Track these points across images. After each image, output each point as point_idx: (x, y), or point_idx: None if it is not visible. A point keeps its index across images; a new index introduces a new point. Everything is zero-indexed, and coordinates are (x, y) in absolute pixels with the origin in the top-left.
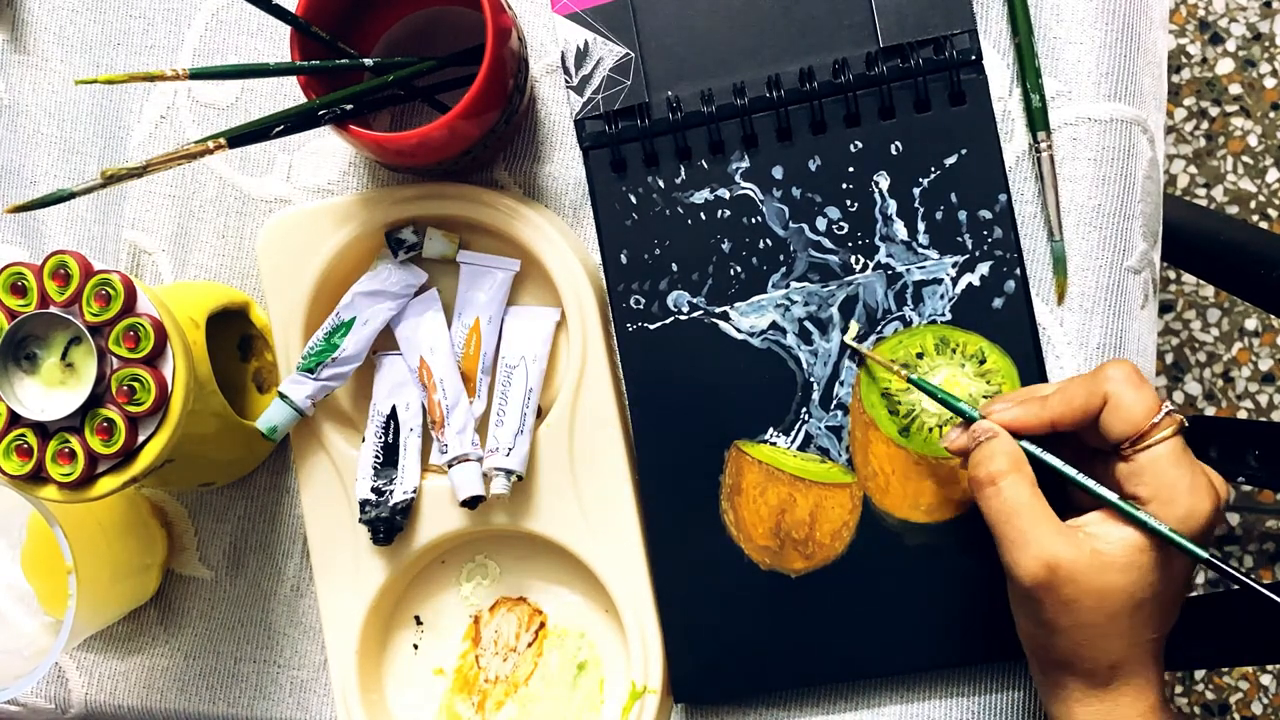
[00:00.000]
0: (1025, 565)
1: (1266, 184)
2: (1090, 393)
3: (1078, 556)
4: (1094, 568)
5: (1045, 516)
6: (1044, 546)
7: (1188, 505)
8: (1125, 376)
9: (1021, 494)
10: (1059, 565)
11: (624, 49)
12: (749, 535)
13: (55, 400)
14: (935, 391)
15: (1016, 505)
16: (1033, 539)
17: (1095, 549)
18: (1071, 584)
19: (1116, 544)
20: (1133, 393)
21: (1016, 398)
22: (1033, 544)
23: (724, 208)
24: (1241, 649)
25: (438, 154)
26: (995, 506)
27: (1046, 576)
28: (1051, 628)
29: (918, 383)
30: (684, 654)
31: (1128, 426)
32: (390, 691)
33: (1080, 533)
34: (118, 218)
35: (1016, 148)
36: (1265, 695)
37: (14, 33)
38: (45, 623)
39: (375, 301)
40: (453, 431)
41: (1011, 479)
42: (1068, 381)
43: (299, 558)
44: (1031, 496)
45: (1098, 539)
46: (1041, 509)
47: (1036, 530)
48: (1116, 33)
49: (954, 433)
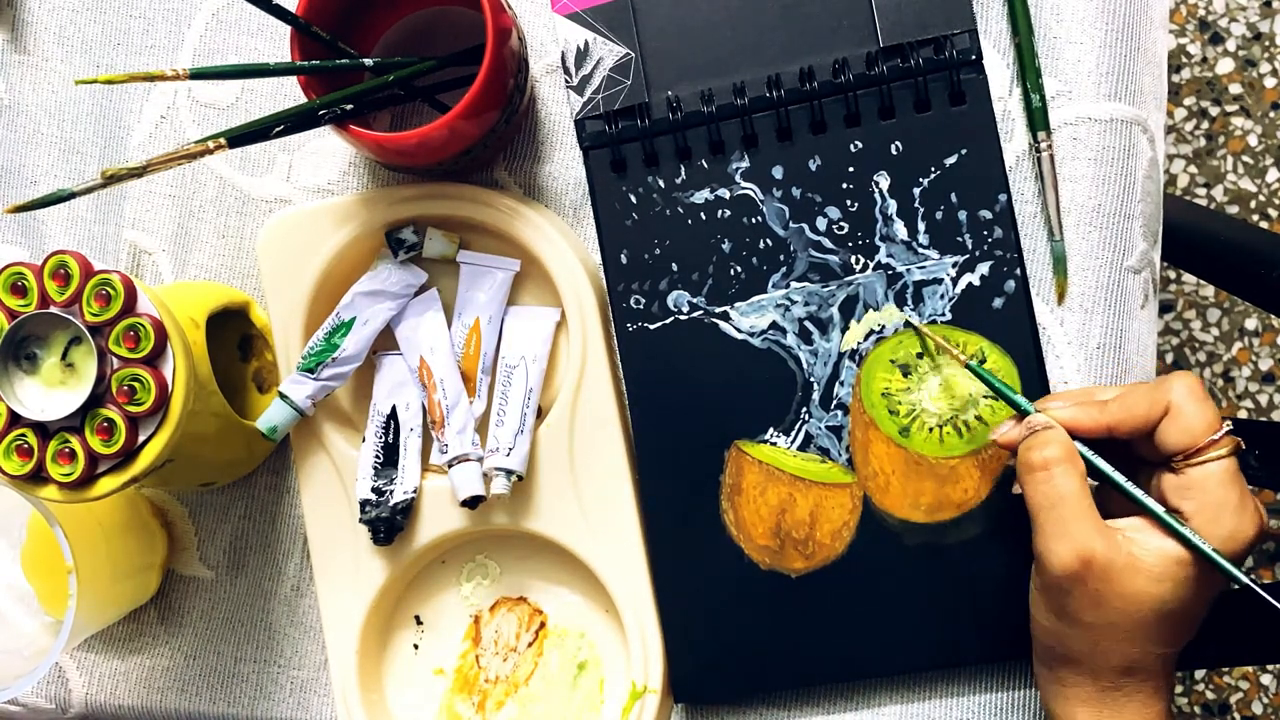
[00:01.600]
0: (1060, 554)
1: (1266, 184)
2: (1153, 402)
3: (1114, 556)
4: (1128, 570)
5: (1089, 511)
6: (1082, 539)
7: (1232, 526)
8: (1189, 390)
9: (1071, 484)
10: (1094, 559)
11: (624, 49)
12: (749, 535)
13: (55, 400)
14: (993, 382)
15: (1064, 494)
16: (1073, 529)
17: (1132, 553)
18: (1102, 581)
19: (1154, 553)
20: (1195, 406)
21: (1074, 397)
22: (1072, 535)
23: (724, 208)
24: (1241, 649)
25: (438, 154)
26: (1043, 492)
27: (1079, 569)
28: (1074, 621)
29: (976, 370)
30: (684, 654)
31: (1186, 439)
32: (390, 691)
33: (1120, 535)
34: (118, 218)
35: (1016, 148)
36: (1265, 695)
37: (14, 33)
38: (45, 623)
39: (375, 301)
40: (453, 431)
41: (1064, 468)
42: (1130, 388)
43: (299, 558)
44: (1080, 489)
45: (1136, 544)
46: (1087, 504)
47: (1078, 522)
48: (1116, 33)
49: (1006, 425)
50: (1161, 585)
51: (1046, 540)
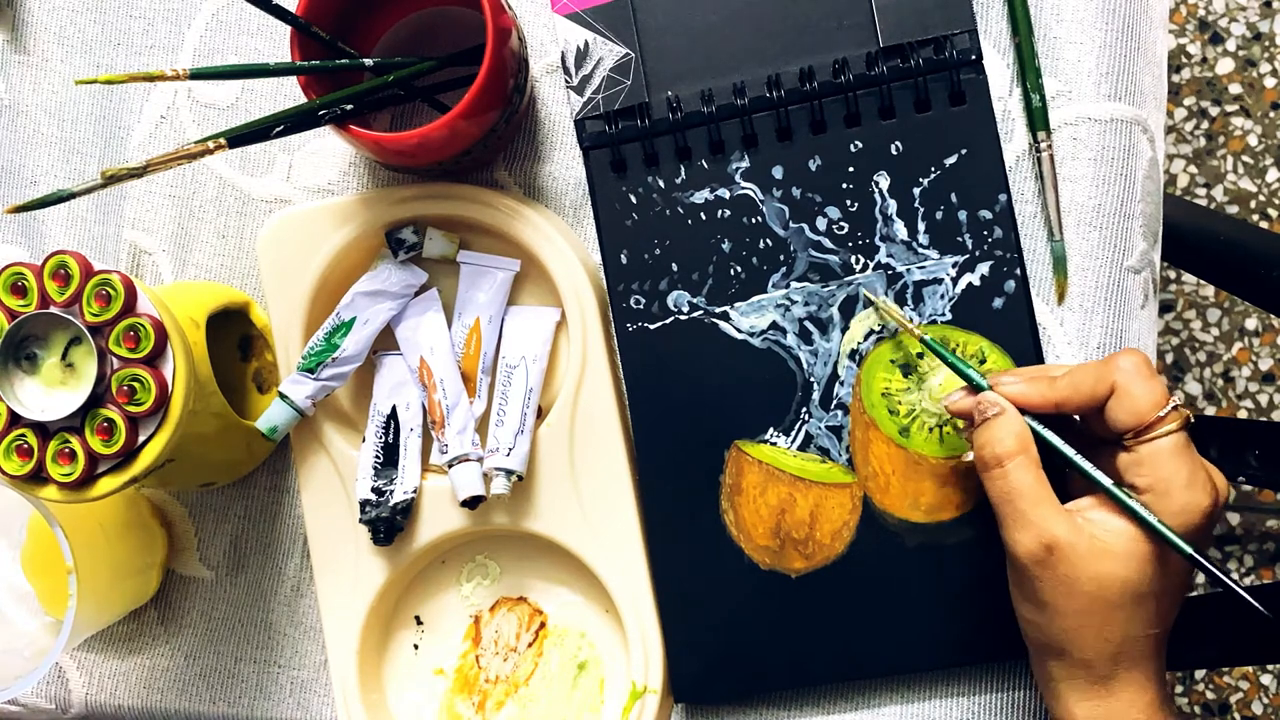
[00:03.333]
0: (1023, 542)
1: (1266, 184)
2: (1098, 379)
3: (1076, 539)
4: (1092, 553)
5: (1047, 498)
6: (1044, 526)
7: (1184, 500)
8: (1135, 367)
9: (1026, 476)
10: (1057, 544)
11: (624, 49)
12: (749, 535)
13: (55, 400)
14: (946, 355)
15: (1020, 486)
16: (1034, 518)
17: (1094, 535)
18: (1068, 564)
19: (1114, 533)
20: (1141, 384)
21: (1026, 374)
22: (1034, 523)
23: (724, 208)
24: (1242, 649)
25: (438, 154)
26: (1000, 487)
27: (1044, 554)
28: (1051, 609)
29: (930, 343)
30: (684, 654)
31: (1132, 417)
32: (390, 691)
33: (1080, 517)
34: (118, 218)
35: (1016, 148)
36: (1265, 695)
37: (14, 33)
38: (45, 623)
39: (375, 301)
40: (453, 431)
41: (1018, 461)
42: (1078, 366)
43: (299, 558)
44: (1036, 479)
45: (1096, 525)
46: (1045, 491)
47: (1037, 510)
48: (1116, 33)
49: (957, 394)
50: (1128, 565)
51: (1010, 531)
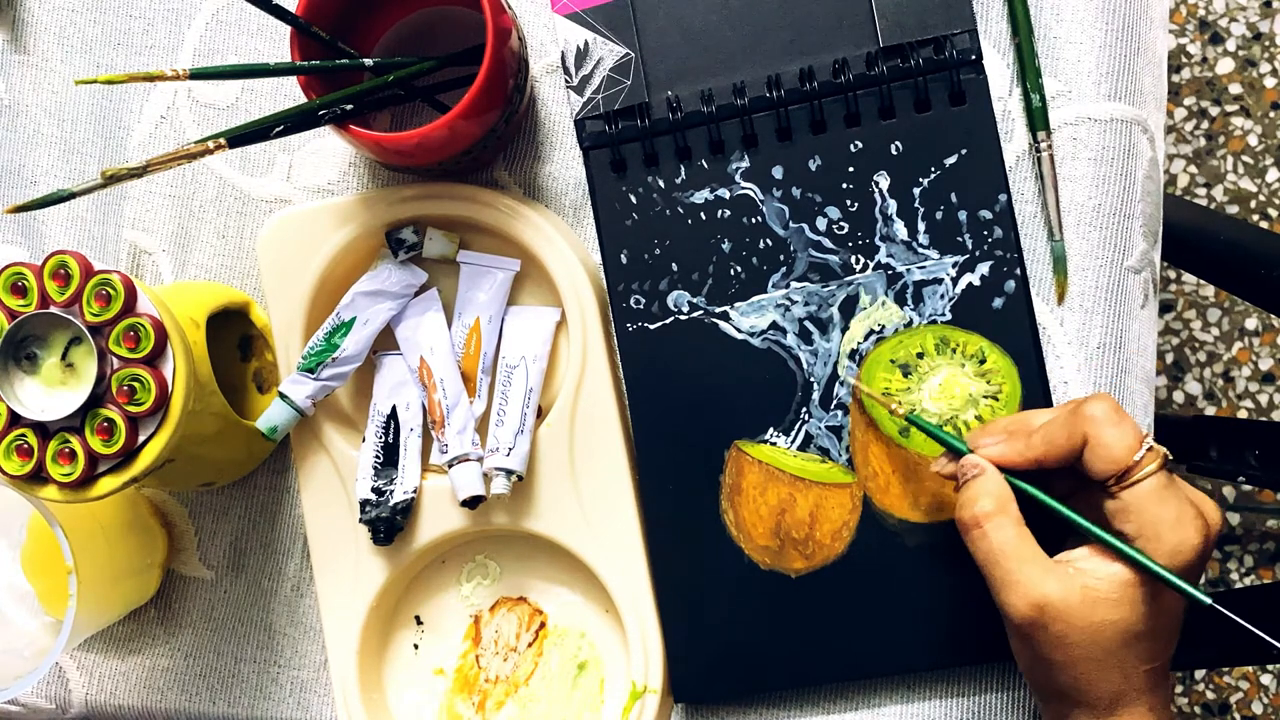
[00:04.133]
0: (1015, 605)
1: (1266, 184)
2: (1070, 433)
3: (1067, 594)
4: (1085, 604)
5: (1031, 556)
6: (1032, 586)
7: (1174, 541)
8: (1104, 415)
9: (1007, 535)
10: (1048, 604)
11: (624, 49)
12: (749, 535)
13: (55, 400)
14: (928, 427)
15: (1002, 547)
16: (1021, 579)
17: (1085, 584)
18: (1062, 621)
19: (1105, 580)
20: (1112, 430)
21: (1006, 428)
22: (1021, 584)
23: (724, 208)
24: (1241, 649)
25: (438, 154)
26: (982, 549)
27: (1036, 615)
28: (1048, 663)
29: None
30: (684, 654)
31: (1109, 465)
32: (390, 691)
33: (1070, 568)
34: (118, 218)
35: (1016, 148)
36: (1265, 695)
37: (14, 33)
38: (46, 623)
39: (375, 301)
40: (453, 431)
41: (996, 521)
42: (1050, 421)
43: (299, 558)
44: (1017, 537)
45: (1087, 574)
46: (1028, 549)
47: (1023, 570)
48: (1116, 33)
49: (942, 460)
50: (1120, 610)
51: (998, 593)
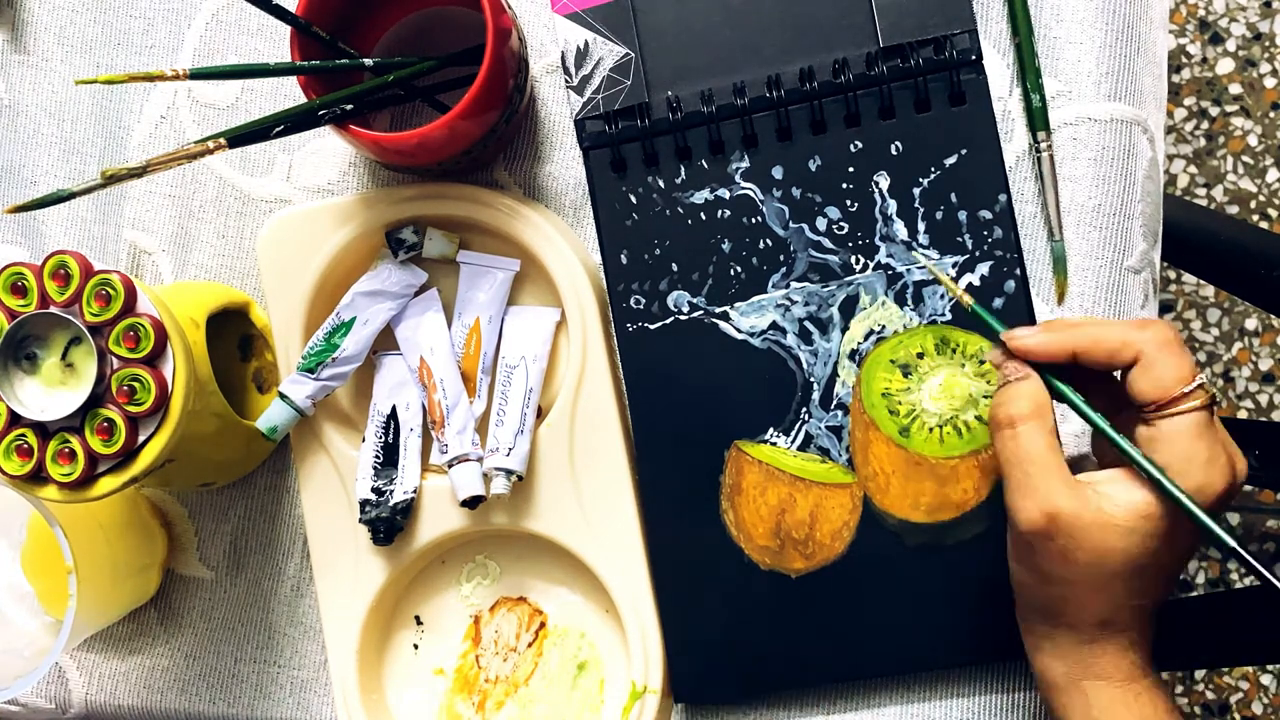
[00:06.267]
0: (1027, 511)
1: (1266, 184)
2: (1125, 343)
3: (1081, 512)
4: (1095, 525)
5: (1056, 467)
6: (1048, 496)
7: (1201, 479)
8: (1164, 340)
9: (1037, 441)
10: (1059, 516)
11: (624, 49)
12: (749, 535)
13: (55, 400)
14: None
15: (1030, 451)
16: (1039, 486)
17: (1101, 508)
18: (1069, 537)
19: (1123, 506)
20: (1168, 357)
21: (1047, 325)
22: (1038, 492)
23: (724, 208)
24: (1241, 649)
25: (438, 154)
26: (1010, 449)
27: (1045, 525)
28: (1045, 577)
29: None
30: (684, 654)
31: (1155, 390)
32: (390, 691)
33: (1090, 489)
34: (118, 218)
35: (1016, 148)
36: (1265, 695)
37: (14, 33)
38: (46, 623)
39: (375, 301)
40: (453, 431)
41: (1031, 425)
42: (1109, 322)
43: (299, 558)
44: (1047, 446)
45: (1105, 499)
46: (1054, 459)
47: (1044, 479)
48: (1116, 33)
49: (995, 352)
50: (1130, 539)
51: (1014, 497)
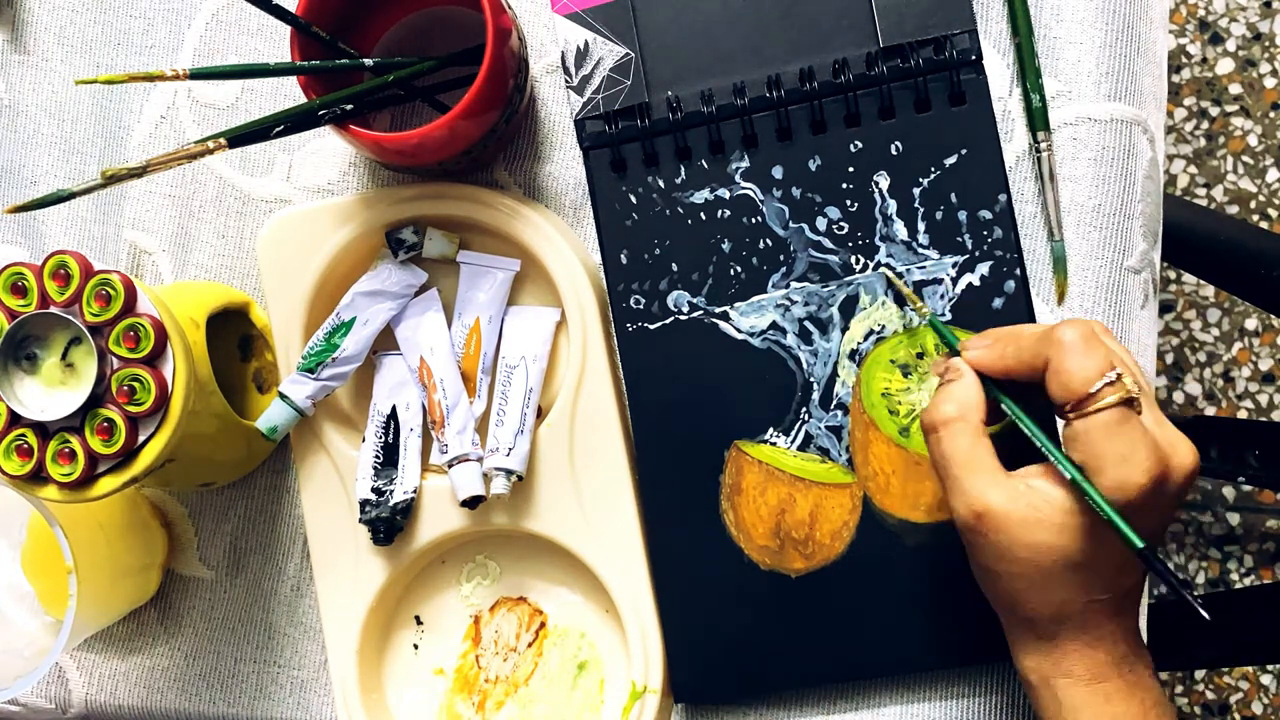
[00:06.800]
0: (957, 509)
1: (1266, 184)
2: (1034, 352)
3: (1010, 508)
4: (1026, 522)
5: (983, 465)
6: (976, 494)
7: (1116, 477)
8: (1072, 341)
9: (962, 442)
10: (988, 512)
11: (624, 49)
12: (749, 535)
13: (55, 400)
14: (939, 327)
15: (953, 452)
16: (966, 485)
17: (1031, 503)
18: (1001, 532)
19: (1049, 503)
20: (1074, 358)
21: (998, 335)
22: (966, 491)
23: (724, 208)
24: (1241, 649)
25: (438, 154)
26: (937, 452)
27: (976, 522)
28: (992, 573)
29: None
30: (684, 654)
31: (1063, 392)
32: (390, 691)
33: (1022, 484)
34: (118, 218)
35: (1016, 148)
36: (1265, 695)
37: (14, 33)
38: (46, 623)
39: (375, 301)
40: (453, 431)
41: (955, 427)
42: (1028, 334)
43: (299, 558)
44: (972, 445)
45: (1035, 493)
46: (981, 457)
47: (971, 477)
48: (1116, 33)
49: (939, 360)
50: (1061, 536)
51: (947, 496)
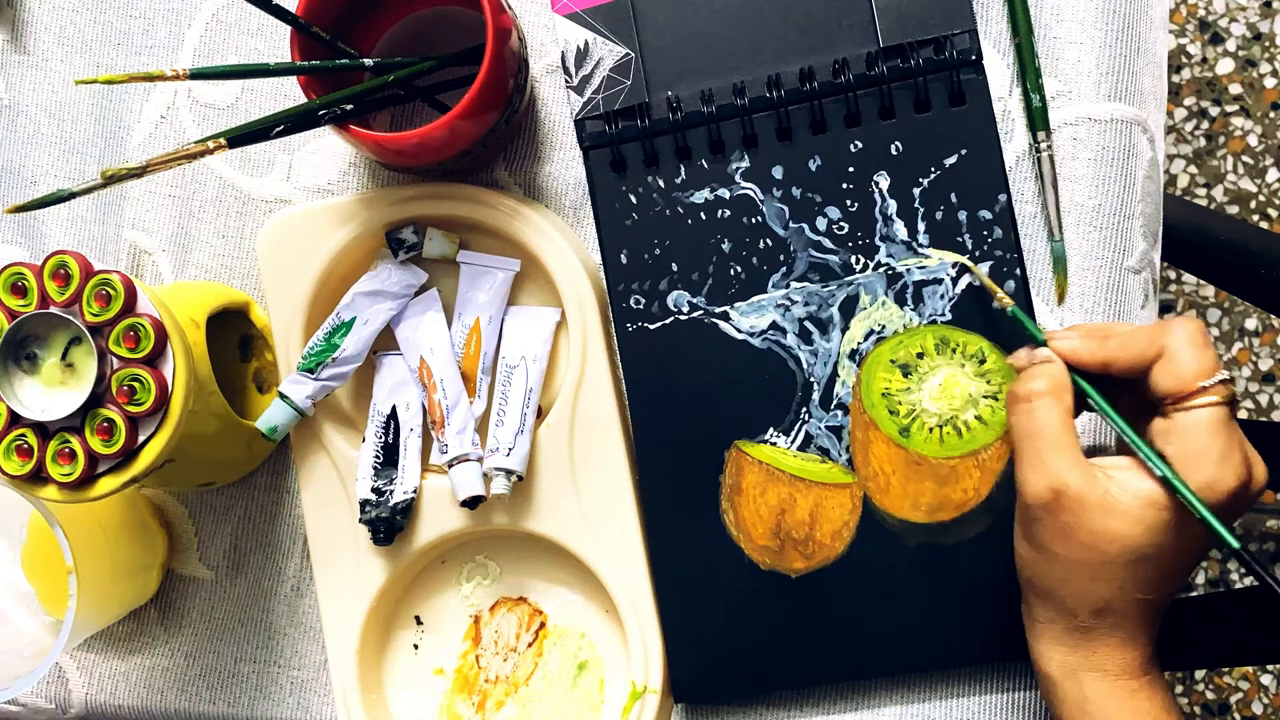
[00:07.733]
0: (1033, 483)
1: (1266, 184)
2: (1149, 342)
3: (1088, 491)
4: (1100, 507)
5: (1067, 444)
6: (1057, 471)
7: (1211, 475)
8: (1188, 335)
9: (1050, 417)
10: (1065, 491)
11: (624, 49)
12: (749, 535)
13: (55, 400)
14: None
15: (1042, 426)
16: (1049, 460)
17: (1109, 490)
18: (1072, 514)
19: (1131, 493)
20: (1190, 351)
21: (1084, 330)
22: (1047, 466)
23: (724, 207)
24: (1241, 649)
25: (438, 154)
26: (1023, 423)
27: (1050, 499)
28: (1046, 554)
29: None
30: (684, 654)
31: (1174, 383)
32: (390, 691)
33: (1101, 472)
34: (118, 218)
35: (1016, 148)
36: (1265, 695)
37: (14, 33)
38: (46, 623)
39: (375, 301)
40: (453, 431)
41: (1046, 401)
42: (1134, 329)
43: (299, 558)
44: (1060, 423)
45: (1115, 483)
46: (1066, 437)
47: (1053, 454)
48: (1116, 33)
49: (1021, 353)
50: (1134, 527)
51: (1023, 470)
